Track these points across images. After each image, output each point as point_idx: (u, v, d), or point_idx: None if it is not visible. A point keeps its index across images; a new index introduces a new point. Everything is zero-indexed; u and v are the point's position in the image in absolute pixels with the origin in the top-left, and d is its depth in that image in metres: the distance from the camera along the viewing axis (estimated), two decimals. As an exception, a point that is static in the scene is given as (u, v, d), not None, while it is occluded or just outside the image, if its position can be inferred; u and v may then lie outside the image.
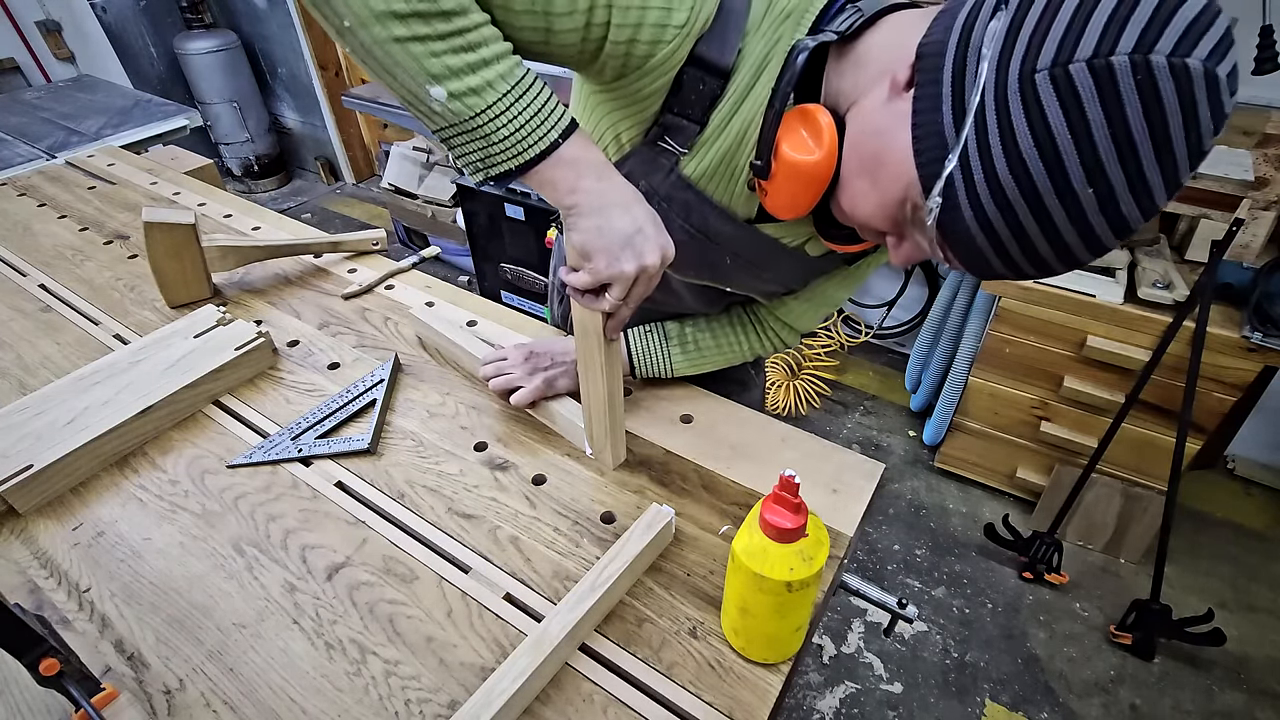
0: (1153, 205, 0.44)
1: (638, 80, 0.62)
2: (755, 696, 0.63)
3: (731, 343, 0.93)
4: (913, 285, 2.62)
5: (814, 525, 0.58)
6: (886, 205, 0.55)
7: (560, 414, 0.88)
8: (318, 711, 0.62)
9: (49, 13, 3.93)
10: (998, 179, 0.46)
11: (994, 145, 0.45)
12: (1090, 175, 0.43)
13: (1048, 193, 0.44)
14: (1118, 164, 0.42)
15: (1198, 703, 1.67)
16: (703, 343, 0.93)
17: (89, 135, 1.98)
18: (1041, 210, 0.45)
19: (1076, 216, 0.45)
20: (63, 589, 0.72)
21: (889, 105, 0.53)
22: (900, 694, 1.70)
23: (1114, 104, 0.41)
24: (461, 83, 0.53)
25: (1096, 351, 1.73)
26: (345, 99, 3.02)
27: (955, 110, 0.47)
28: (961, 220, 0.49)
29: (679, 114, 0.63)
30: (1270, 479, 2.22)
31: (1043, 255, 0.48)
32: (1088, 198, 0.44)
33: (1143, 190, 0.43)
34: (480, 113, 0.54)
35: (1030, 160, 0.44)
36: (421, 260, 1.29)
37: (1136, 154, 0.42)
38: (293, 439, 0.88)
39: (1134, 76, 0.40)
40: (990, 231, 0.48)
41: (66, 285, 1.20)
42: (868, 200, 0.57)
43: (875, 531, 2.10)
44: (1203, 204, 1.50)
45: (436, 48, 0.52)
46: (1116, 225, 0.45)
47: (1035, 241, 0.47)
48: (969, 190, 0.47)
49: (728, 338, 0.93)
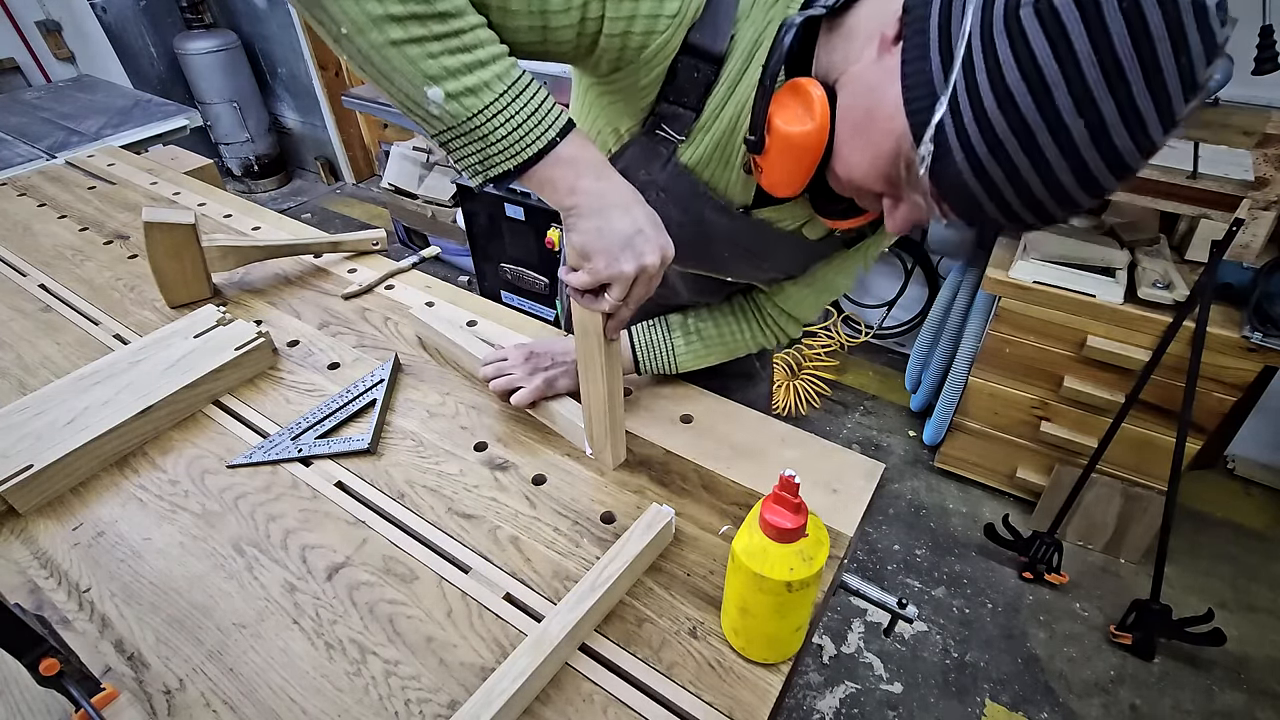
0: (1148, 139, 0.43)
1: (634, 72, 0.62)
2: (755, 696, 0.63)
3: (734, 332, 0.93)
4: (913, 285, 2.62)
5: (814, 525, 0.58)
6: (880, 161, 0.55)
7: (560, 414, 0.88)
8: (318, 711, 0.62)
9: (49, 13, 3.93)
10: (987, 117, 0.45)
11: (982, 84, 0.45)
12: (1080, 105, 0.42)
13: (1038, 127, 0.44)
14: (1107, 93, 0.42)
15: (1198, 703, 1.67)
16: (706, 333, 0.92)
17: (89, 135, 1.98)
18: (1033, 145, 0.45)
19: (1069, 151, 0.44)
20: (63, 589, 0.72)
21: (879, 62, 0.53)
22: (900, 694, 1.70)
23: (1099, 32, 0.41)
24: (459, 83, 0.53)
25: (1096, 351, 1.73)
26: (345, 99, 3.02)
27: (943, 55, 0.47)
28: (954, 165, 0.48)
29: (675, 102, 0.65)
30: (1270, 479, 2.22)
31: (1038, 196, 0.48)
32: (1079, 130, 0.43)
33: (1135, 121, 0.43)
34: (478, 113, 0.55)
35: (1018, 94, 0.44)
36: (421, 260, 1.29)
37: (1126, 81, 0.41)
38: (293, 439, 0.88)
39: (1119, 4, 0.40)
40: (983, 174, 0.48)
41: (66, 285, 1.20)
42: (862, 159, 0.56)
43: (875, 531, 2.10)
44: (1203, 204, 1.50)
45: (433, 49, 0.52)
46: (1112, 160, 0.44)
47: (1029, 181, 0.47)
48: (959, 133, 0.47)
49: (730, 328, 0.93)
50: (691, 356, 0.93)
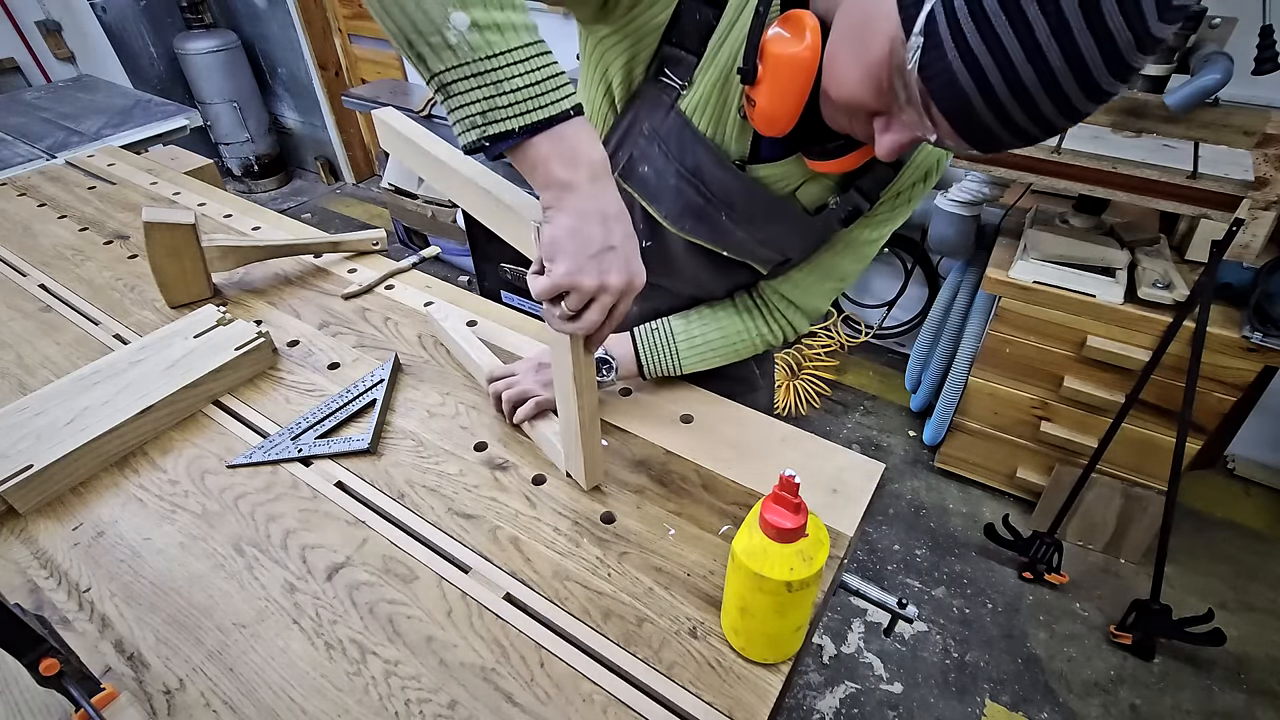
0: (1143, 25, 0.43)
1: (646, 11, 0.66)
2: (755, 696, 0.63)
3: (740, 330, 0.92)
4: (913, 285, 2.63)
5: (814, 525, 0.58)
6: (872, 69, 0.54)
7: (541, 432, 0.87)
8: (318, 711, 0.62)
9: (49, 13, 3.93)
10: None
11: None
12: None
13: (1028, 1, 0.43)
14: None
15: (1198, 703, 1.67)
16: (709, 334, 0.91)
17: (89, 135, 1.98)
18: (1023, 22, 0.44)
19: (1060, 29, 0.43)
20: (63, 589, 0.72)
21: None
22: (900, 694, 1.70)
23: None
24: (488, 14, 0.50)
25: (1096, 351, 1.73)
26: (345, 99, 3.02)
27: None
28: (943, 58, 0.48)
29: (677, 45, 0.67)
30: (1270, 479, 2.22)
31: (1030, 89, 0.46)
32: (1070, 5, 0.43)
33: (1130, 2, 0.42)
34: (500, 53, 0.50)
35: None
36: (421, 260, 1.29)
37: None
38: (293, 439, 0.88)
39: None
40: (972, 61, 0.47)
41: (66, 285, 1.20)
42: (854, 70, 0.55)
43: (875, 531, 2.10)
44: (1203, 204, 1.50)
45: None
46: (1106, 48, 0.43)
47: (1019, 67, 0.45)
48: (949, 16, 0.46)
49: (735, 325, 0.92)
50: (696, 357, 0.92)
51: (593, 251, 0.56)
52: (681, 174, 0.74)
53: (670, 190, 0.76)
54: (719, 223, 0.78)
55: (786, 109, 0.63)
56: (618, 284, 0.58)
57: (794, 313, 0.91)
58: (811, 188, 0.76)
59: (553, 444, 0.85)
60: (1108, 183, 1.56)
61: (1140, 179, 1.52)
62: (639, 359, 0.92)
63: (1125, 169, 1.53)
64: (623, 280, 0.58)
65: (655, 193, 0.78)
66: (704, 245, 0.84)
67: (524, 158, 0.54)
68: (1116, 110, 1.60)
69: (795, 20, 0.60)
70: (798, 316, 0.91)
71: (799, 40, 0.59)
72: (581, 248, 0.56)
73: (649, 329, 0.92)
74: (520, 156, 0.54)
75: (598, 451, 0.80)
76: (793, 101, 0.62)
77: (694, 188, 0.75)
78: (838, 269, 0.87)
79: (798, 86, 0.61)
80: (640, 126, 0.73)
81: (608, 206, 0.57)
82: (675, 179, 0.74)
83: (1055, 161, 1.59)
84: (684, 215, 0.79)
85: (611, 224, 0.57)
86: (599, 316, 0.59)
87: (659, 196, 0.78)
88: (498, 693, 0.63)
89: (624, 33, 0.68)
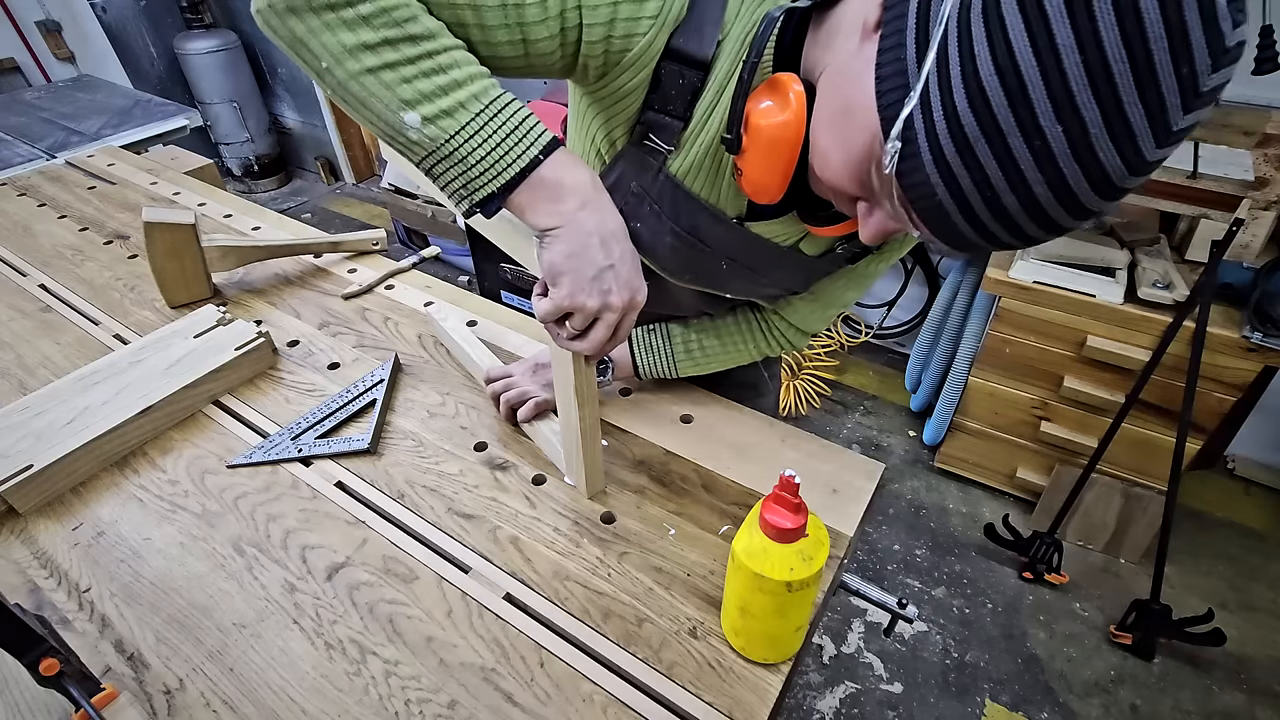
0: (1138, 155, 0.38)
1: (618, 77, 0.61)
2: (755, 696, 0.63)
3: (737, 343, 0.91)
4: (913, 285, 2.62)
5: (814, 525, 0.58)
6: (853, 160, 0.51)
7: (543, 434, 0.86)
8: (318, 711, 0.62)
9: (49, 13, 3.93)
10: (956, 115, 0.41)
11: (954, 77, 0.40)
12: (1059, 108, 0.38)
13: (1010, 130, 0.39)
14: (1091, 96, 0.37)
15: (1198, 703, 1.67)
16: (707, 344, 0.91)
17: (89, 135, 1.99)
18: (1005, 151, 0.40)
19: (1045, 160, 0.39)
20: (63, 589, 0.72)
21: (859, 52, 0.49)
22: (900, 694, 1.70)
23: (1086, 24, 0.36)
24: (434, 105, 0.52)
25: (1096, 351, 1.73)
26: (345, 99, 3.01)
27: (919, 43, 0.43)
28: (921, 169, 0.44)
29: (660, 110, 0.62)
30: (1270, 479, 2.22)
31: (1010, 211, 0.43)
32: (1056, 136, 0.38)
33: (1123, 132, 0.38)
34: (454, 134, 0.53)
35: (991, 90, 0.39)
36: (421, 260, 1.29)
37: (1113, 85, 0.36)
38: (293, 439, 0.88)
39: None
40: (950, 179, 0.43)
41: (66, 285, 1.20)
42: (835, 156, 0.53)
43: (875, 531, 2.10)
44: (1203, 204, 1.50)
45: (407, 73, 0.51)
46: (1095, 176, 0.39)
47: (1000, 192, 0.42)
48: (927, 130, 0.42)
49: (733, 338, 0.92)
50: (691, 364, 0.92)
51: (593, 273, 0.57)
52: (677, 233, 0.71)
53: (666, 247, 0.74)
54: (719, 272, 0.76)
55: (774, 179, 0.59)
56: (620, 303, 0.58)
57: (794, 333, 0.91)
58: (814, 240, 0.74)
59: (553, 444, 0.85)
60: (1108, 183, 1.56)
61: (1140, 179, 1.52)
62: (635, 359, 0.92)
63: (1125, 169, 1.53)
64: (625, 298, 0.58)
65: (650, 248, 0.76)
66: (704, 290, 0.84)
67: (514, 207, 0.57)
68: (1116, 110, 1.59)
69: (779, 87, 0.56)
70: (797, 336, 0.91)
71: (783, 108, 0.55)
72: (581, 269, 0.57)
73: (645, 331, 0.92)
74: (511, 207, 0.57)
75: (598, 460, 0.80)
76: (780, 172, 0.58)
77: (691, 245, 0.73)
78: (840, 298, 0.87)
79: (783, 158, 0.57)
80: (628, 184, 0.70)
81: (604, 226, 0.57)
82: (671, 237, 0.72)
83: (1055, 161, 1.59)
84: (683, 270, 0.77)
85: (610, 243, 0.57)
86: (605, 334, 0.60)
87: (654, 252, 0.76)
88: (498, 693, 0.63)
89: (597, 97, 0.64)
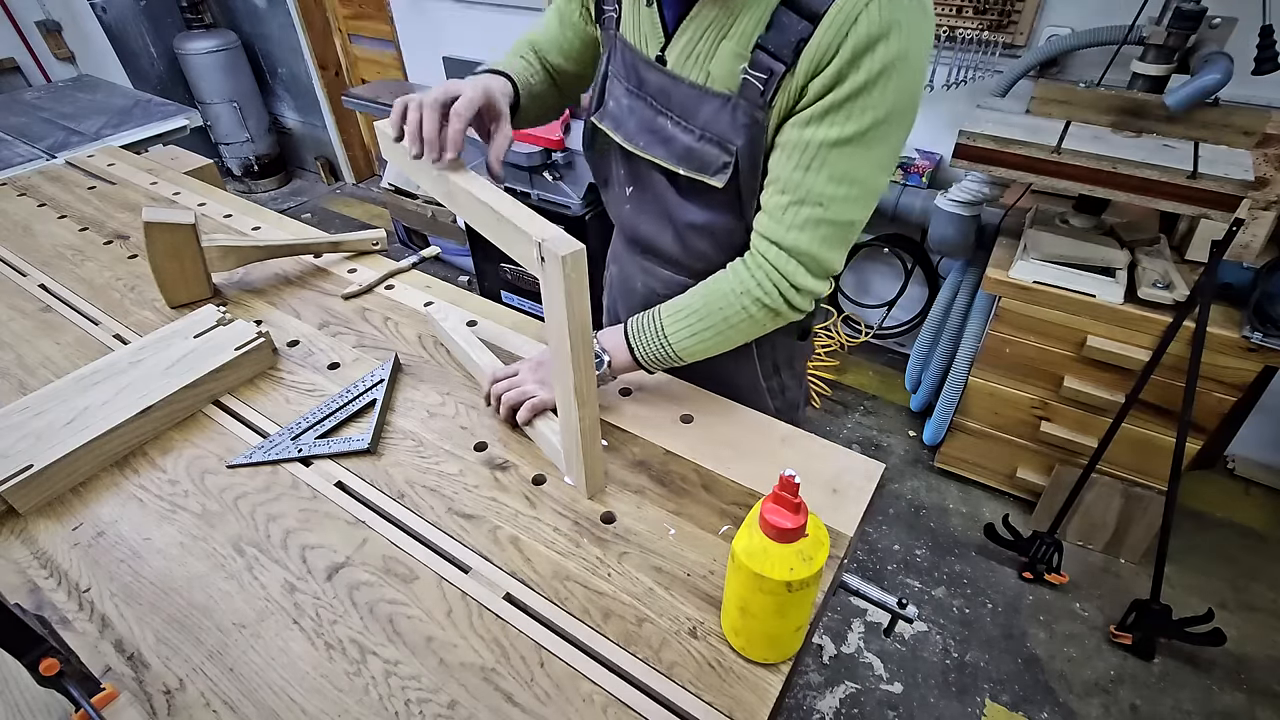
0: None
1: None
2: (755, 696, 0.63)
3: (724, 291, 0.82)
4: (913, 285, 2.62)
5: (814, 525, 0.58)
6: None
7: (543, 434, 0.86)
8: (318, 711, 0.62)
9: (49, 13, 3.93)
10: None
11: None
12: None
13: None
14: None
15: (1198, 703, 1.67)
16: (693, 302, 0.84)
17: (89, 135, 1.99)
18: None
19: None
20: (63, 589, 0.72)
21: None
22: (900, 694, 1.70)
23: None
24: None
25: (1096, 351, 1.73)
26: (345, 99, 3.02)
27: None
28: None
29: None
30: (1270, 479, 2.22)
31: None
32: None
33: None
34: None
35: None
36: (421, 260, 1.29)
37: None
38: (293, 439, 0.88)
39: None
40: None
41: (66, 285, 1.20)
42: None
43: (875, 531, 2.10)
44: (1203, 204, 1.50)
45: None
46: None
47: None
48: None
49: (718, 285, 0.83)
50: (685, 331, 0.84)
51: None
52: (630, 91, 0.87)
53: (626, 110, 0.88)
54: (665, 131, 0.84)
55: None
56: None
57: (776, 253, 0.79)
58: (721, 63, 0.77)
59: (553, 444, 0.85)
60: (1108, 183, 1.56)
61: (1140, 179, 1.52)
62: (629, 345, 0.86)
63: (1125, 169, 1.53)
64: None
65: (618, 119, 0.90)
66: (664, 166, 0.87)
67: None
68: (1116, 110, 1.60)
69: None
70: (782, 257, 0.79)
71: None
72: None
73: (636, 316, 0.88)
74: None
75: (599, 460, 0.80)
76: None
77: (640, 99, 0.86)
78: (809, 189, 0.75)
79: None
80: (606, 71, 0.90)
81: None
82: (628, 98, 0.87)
83: (1055, 161, 1.59)
84: (639, 131, 0.87)
85: None
86: None
87: (621, 121, 0.89)
88: (498, 693, 0.63)
89: None
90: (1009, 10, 1.95)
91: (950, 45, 2.04)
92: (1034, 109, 1.69)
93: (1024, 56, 1.91)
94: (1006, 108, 1.82)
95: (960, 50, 2.04)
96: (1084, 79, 1.84)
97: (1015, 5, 1.94)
